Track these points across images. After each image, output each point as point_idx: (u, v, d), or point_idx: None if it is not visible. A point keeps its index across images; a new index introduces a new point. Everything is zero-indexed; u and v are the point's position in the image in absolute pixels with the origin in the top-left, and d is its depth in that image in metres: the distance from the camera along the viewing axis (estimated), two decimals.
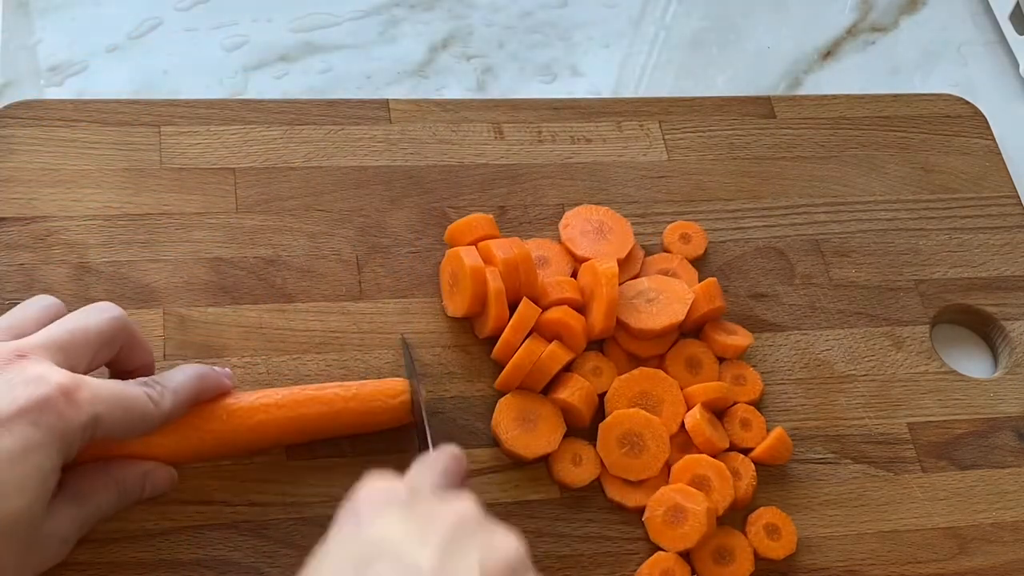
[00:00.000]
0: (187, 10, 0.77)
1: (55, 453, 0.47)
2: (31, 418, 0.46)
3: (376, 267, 0.66)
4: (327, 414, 0.57)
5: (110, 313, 0.53)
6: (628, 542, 0.59)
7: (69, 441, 0.47)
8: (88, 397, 0.48)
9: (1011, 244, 0.74)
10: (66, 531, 0.50)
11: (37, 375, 0.48)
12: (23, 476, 0.46)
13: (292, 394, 0.57)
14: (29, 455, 0.46)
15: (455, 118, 0.72)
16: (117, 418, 0.49)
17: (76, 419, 0.47)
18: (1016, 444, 0.66)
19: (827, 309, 0.69)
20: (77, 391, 0.48)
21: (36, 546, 0.48)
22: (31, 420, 0.46)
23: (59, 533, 0.49)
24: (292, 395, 0.57)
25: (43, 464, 0.46)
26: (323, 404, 0.57)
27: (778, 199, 0.73)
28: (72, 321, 0.52)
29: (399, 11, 0.80)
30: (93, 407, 0.48)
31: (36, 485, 0.46)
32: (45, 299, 0.54)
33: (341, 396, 0.57)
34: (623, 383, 0.62)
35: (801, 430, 0.64)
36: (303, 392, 0.57)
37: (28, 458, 0.46)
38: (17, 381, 0.47)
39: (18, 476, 0.45)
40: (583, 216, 0.68)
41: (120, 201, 0.65)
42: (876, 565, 0.61)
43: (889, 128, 0.77)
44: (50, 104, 0.68)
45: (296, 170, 0.68)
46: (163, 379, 0.53)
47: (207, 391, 0.55)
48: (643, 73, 0.81)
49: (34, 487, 0.46)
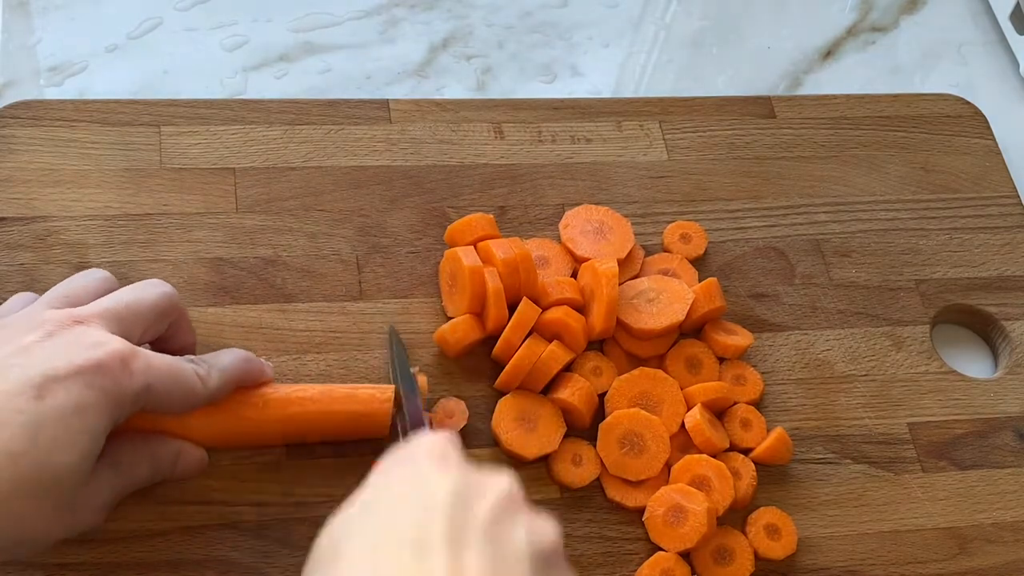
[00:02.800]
0: (187, 10, 0.77)
1: (106, 416, 0.48)
2: (86, 379, 0.47)
3: (376, 267, 0.66)
4: (362, 413, 0.57)
5: (162, 288, 0.54)
6: (628, 542, 0.59)
7: (120, 406, 0.48)
8: (142, 366, 0.49)
9: (1011, 244, 0.74)
10: (102, 497, 0.50)
11: (95, 340, 0.49)
12: (74, 434, 0.46)
13: (328, 390, 0.57)
14: (81, 414, 0.47)
15: (455, 118, 0.72)
16: (167, 390, 0.50)
17: (129, 385, 0.48)
18: (1016, 444, 0.66)
19: (827, 309, 0.69)
20: (132, 359, 0.49)
21: (75, 514, 0.49)
22: (86, 381, 0.47)
23: (96, 498, 0.50)
24: (328, 391, 0.57)
25: (94, 425, 0.47)
26: (359, 403, 0.57)
27: (778, 199, 0.73)
28: (127, 293, 0.53)
29: (399, 11, 0.80)
30: (146, 376, 0.49)
31: (85, 445, 0.47)
32: (100, 272, 0.55)
33: (377, 398, 0.58)
34: (623, 383, 0.62)
35: (801, 430, 0.64)
36: (339, 389, 0.57)
37: (80, 417, 0.47)
38: (74, 344, 0.48)
39: (69, 433, 0.46)
40: (583, 216, 0.68)
41: (120, 201, 0.65)
42: (876, 565, 0.61)
43: (889, 128, 0.77)
44: (50, 104, 0.68)
45: (296, 170, 0.68)
46: (210, 359, 0.54)
47: (251, 376, 0.55)
48: (643, 73, 0.81)
49: (83, 446, 0.47)
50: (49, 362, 0.47)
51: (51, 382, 0.46)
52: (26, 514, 0.46)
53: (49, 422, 0.46)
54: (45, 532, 0.48)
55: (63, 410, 0.46)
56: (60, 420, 0.46)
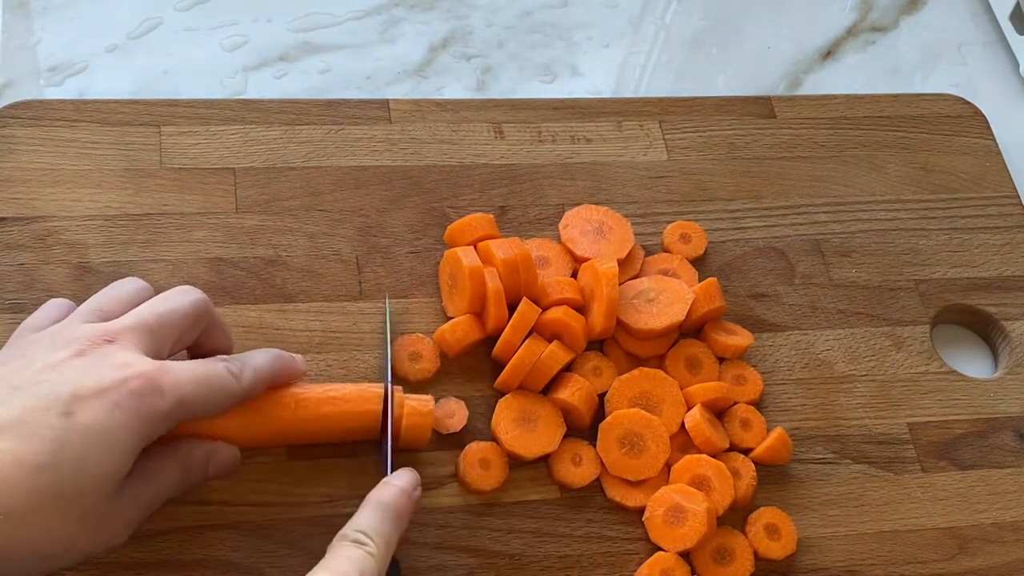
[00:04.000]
0: (187, 10, 0.77)
1: (134, 436, 0.48)
2: (113, 399, 0.47)
3: (376, 267, 0.66)
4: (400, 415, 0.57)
5: (195, 295, 0.54)
6: (628, 542, 0.59)
7: (152, 425, 0.49)
8: (172, 383, 0.49)
9: (1011, 244, 0.74)
10: (132, 512, 0.50)
11: (124, 361, 0.49)
12: (100, 453, 0.47)
13: (360, 390, 0.57)
14: (107, 435, 0.47)
15: (455, 118, 0.72)
16: (202, 397, 0.51)
17: (159, 406, 0.49)
18: (1016, 444, 0.66)
19: (827, 309, 0.69)
20: (161, 378, 0.49)
21: (103, 529, 0.49)
22: (114, 402, 0.47)
23: (125, 513, 0.50)
24: (359, 391, 0.57)
25: (120, 445, 0.47)
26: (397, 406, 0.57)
27: (778, 199, 0.73)
28: (160, 303, 0.53)
29: (399, 11, 0.80)
30: (177, 391, 0.49)
31: (111, 464, 0.47)
32: (136, 282, 0.55)
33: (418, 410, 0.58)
34: (623, 383, 0.62)
35: (801, 430, 0.64)
36: (370, 389, 0.57)
37: (106, 437, 0.47)
38: (104, 364, 0.49)
39: (94, 452, 0.46)
40: (583, 216, 0.68)
41: (120, 201, 0.65)
42: (876, 565, 0.61)
43: (889, 128, 0.77)
44: (50, 104, 0.68)
45: (296, 170, 0.68)
46: (242, 357, 0.54)
47: (284, 372, 0.55)
48: (643, 73, 0.81)
49: (108, 465, 0.47)
50: (78, 381, 0.48)
51: (78, 401, 0.47)
52: (52, 528, 0.46)
53: (75, 440, 0.46)
54: (70, 546, 0.48)
55: (89, 429, 0.46)
56: (85, 438, 0.46)
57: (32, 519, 0.45)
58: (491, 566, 0.58)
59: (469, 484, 0.59)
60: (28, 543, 0.46)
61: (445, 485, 0.59)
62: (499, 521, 0.59)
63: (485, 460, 0.59)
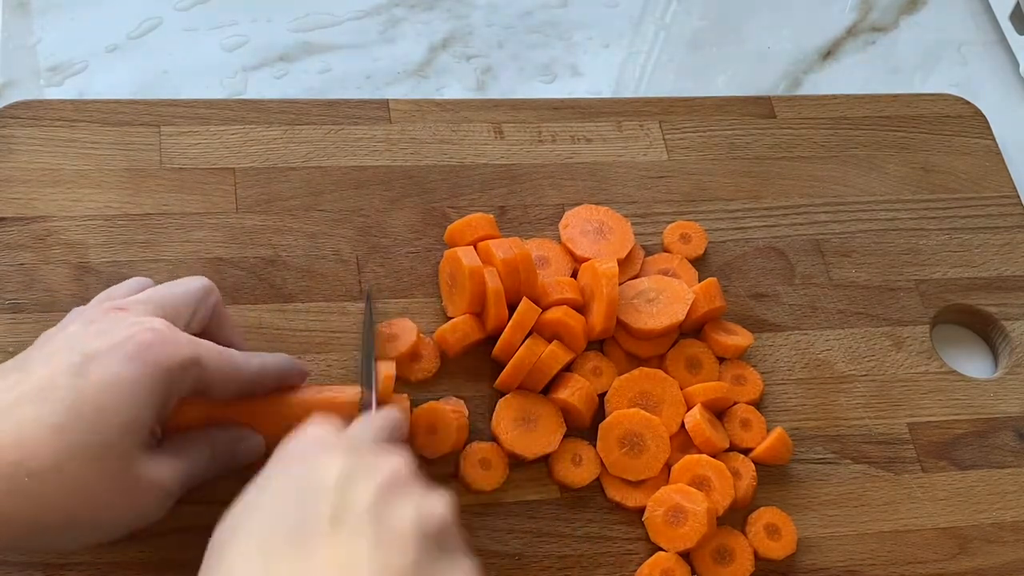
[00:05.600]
0: (187, 10, 0.77)
1: (150, 383, 0.48)
2: (124, 352, 0.48)
3: (376, 267, 0.66)
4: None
5: (202, 280, 0.55)
6: (628, 542, 0.59)
7: (168, 376, 0.49)
8: (187, 340, 0.50)
9: (1011, 244, 0.74)
10: (166, 481, 0.50)
11: (133, 320, 0.50)
12: (117, 403, 0.47)
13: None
14: (121, 385, 0.47)
15: (455, 118, 0.72)
16: (215, 362, 0.51)
17: (176, 355, 0.49)
18: (1016, 444, 0.66)
19: (827, 309, 0.69)
20: (175, 333, 0.50)
21: (135, 491, 0.49)
22: (124, 353, 0.48)
23: (160, 483, 0.50)
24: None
25: (136, 394, 0.48)
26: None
27: (778, 199, 0.73)
28: (168, 285, 0.54)
29: (399, 11, 0.80)
30: (194, 347, 0.50)
31: (131, 413, 0.48)
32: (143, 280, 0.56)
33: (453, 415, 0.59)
34: (623, 383, 0.62)
35: (801, 430, 0.64)
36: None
37: (120, 388, 0.47)
38: (114, 326, 0.49)
39: (112, 403, 0.47)
40: (583, 216, 0.68)
41: (120, 201, 0.65)
42: (876, 565, 0.61)
43: (889, 128, 0.77)
44: (50, 104, 0.68)
45: (296, 170, 0.68)
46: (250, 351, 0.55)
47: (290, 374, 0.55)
48: (643, 73, 0.81)
49: (128, 415, 0.47)
50: (89, 344, 0.49)
51: (90, 361, 0.48)
52: (79, 486, 0.46)
53: (90, 396, 0.47)
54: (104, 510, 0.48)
55: (103, 384, 0.47)
56: (100, 394, 0.47)
57: (58, 478, 0.46)
58: (491, 566, 0.58)
59: (469, 484, 0.59)
60: (60, 506, 0.46)
61: (445, 485, 0.59)
62: (499, 521, 0.59)
63: (485, 460, 0.59)
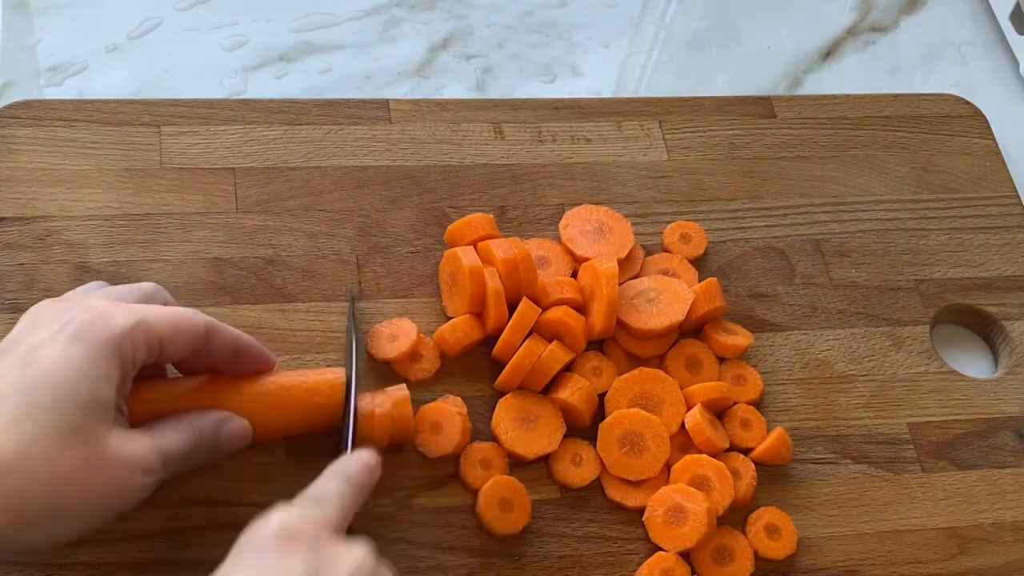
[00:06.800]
0: (187, 10, 0.77)
1: (97, 357, 0.49)
2: (66, 334, 0.49)
3: (376, 267, 0.66)
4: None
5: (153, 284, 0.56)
6: (628, 542, 0.59)
7: (116, 346, 0.49)
8: (127, 309, 0.51)
9: (1011, 244, 0.74)
10: (140, 456, 0.50)
11: (72, 307, 0.50)
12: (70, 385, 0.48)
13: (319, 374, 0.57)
14: (69, 366, 0.48)
15: (455, 118, 0.72)
16: (159, 319, 0.51)
17: (117, 324, 0.49)
18: (1016, 444, 0.66)
19: (827, 309, 0.69)
20: (112, 307, 0.51)
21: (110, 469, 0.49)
22: (66, 336, 0.49)
23: (134, 459, 0.49)
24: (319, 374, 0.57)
25: (85, 371, 0.48)
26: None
27: (778, 199, 0.73)
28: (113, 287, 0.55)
29: (399, 11, 0.80)
30: (132, 312, 0.51)
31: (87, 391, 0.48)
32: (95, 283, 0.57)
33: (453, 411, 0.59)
34: (623, 383, 0.62)
35: (801, 430, 0.64)
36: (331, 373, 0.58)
37: (69, 369, 0.48)
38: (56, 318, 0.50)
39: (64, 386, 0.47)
40: (583, 216, 0.68)
41: (120, 201, 0.65)
42: (876, 565, 0.61)
43: (889, 128, 0.77)
44: (50, 104, 0.68)
45: (296, 170, 0.68)
46: None
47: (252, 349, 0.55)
48: (643, 73, 0.81)
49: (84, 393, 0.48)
50: (32, 337, 0.49)
51: (34, 351, 0.48)
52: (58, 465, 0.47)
53: (41, 383, 0.47)
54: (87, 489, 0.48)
55: (50, 369, 0.48)
56: (51, 378, 0.47)
57: (29, 467, 0.46)
58: (491, 566, 0.58)
59: (469, 484, 0.59)
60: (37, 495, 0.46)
61: (445, 485, 0.59)
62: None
63: (485, 460, 0.59)
